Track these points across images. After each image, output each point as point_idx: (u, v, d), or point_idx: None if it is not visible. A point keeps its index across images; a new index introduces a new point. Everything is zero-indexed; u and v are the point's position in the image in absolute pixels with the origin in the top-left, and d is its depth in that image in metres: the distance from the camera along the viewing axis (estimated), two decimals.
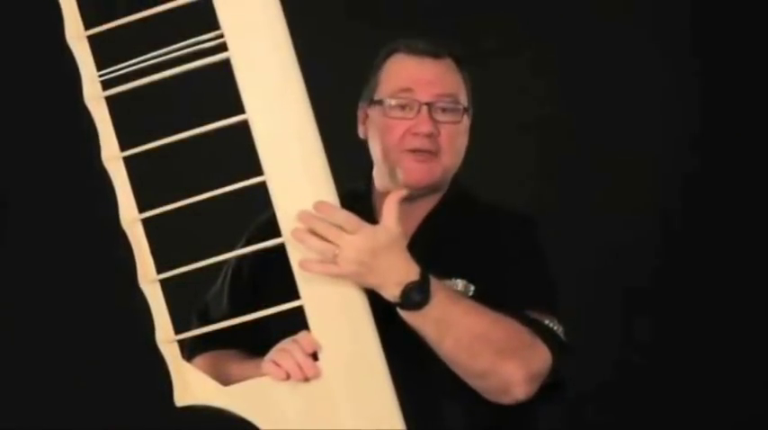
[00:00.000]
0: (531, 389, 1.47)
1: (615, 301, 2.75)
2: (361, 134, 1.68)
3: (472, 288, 1.56)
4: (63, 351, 2.77)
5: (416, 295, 1.41)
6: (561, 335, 1.53)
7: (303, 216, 1.40)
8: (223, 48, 1.42)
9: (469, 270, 1.57)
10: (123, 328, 2.35)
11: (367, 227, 1.40)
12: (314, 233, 1.40)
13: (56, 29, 1.48)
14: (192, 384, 1.49)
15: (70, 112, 1.65)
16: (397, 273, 1.41)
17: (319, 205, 1.40)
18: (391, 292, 1.41)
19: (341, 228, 1.39)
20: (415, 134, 1.58)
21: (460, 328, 1.44)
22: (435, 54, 1.62)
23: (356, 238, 1.38)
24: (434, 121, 1.58)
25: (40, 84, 2.69)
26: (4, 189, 2.81)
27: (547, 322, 1.52)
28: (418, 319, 1.43)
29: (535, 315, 1.51)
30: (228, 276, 1.72)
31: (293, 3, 1.46)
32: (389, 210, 1.42)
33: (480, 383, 1.47)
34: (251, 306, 1.51)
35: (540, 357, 1.48)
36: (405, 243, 1.43)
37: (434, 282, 1.43)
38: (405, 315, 1.43)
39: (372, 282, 1.41)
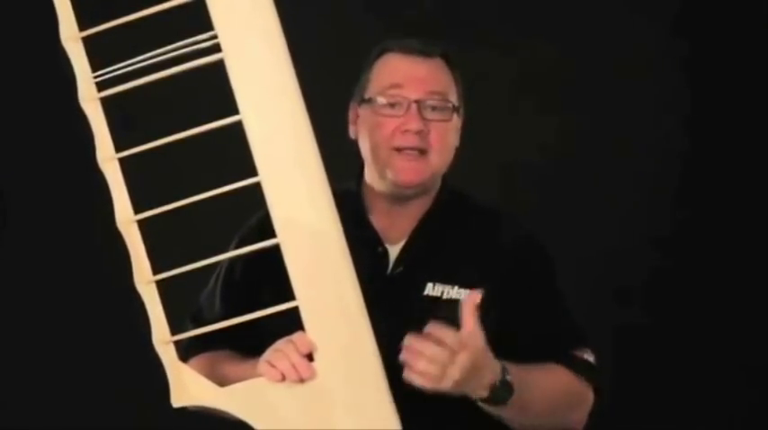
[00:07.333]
0: (584, 424, 1.64)
1: (606, 303, 2.75)
2: (351, 134, 1.68)
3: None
4: (59, 352, 2.77)
5: (504, 393, 1.45)
6: (596, 363, 1.62)
7: (415, 342, 1.40)
8: (217, 48, 1.42)
9: (476, 280, 1.57)
10: (120, 330, 2.35)
11: (472, 344, 1.40)
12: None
13: (51, 30, 1.48)
14: (188, 385, 1.49)
15: (65, 114, 1.64)
16: (489, 376, 1.44)
17: (431, 331, 1.40)
18: (480, 394, 1.45)
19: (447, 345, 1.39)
20: (405, 131, 1.58)
21: (536, 404, 1.52)
22: (426, 53, 1.63)
23: (463, 359, 1.39)
24: (424, 119, 1.59)
25: (35, 85, 2.69)
26: (0, 190, 2.81)
27: (586, 357, 1.61)
28: (501, 409, 1.47)
29: (576, 352, 1.61)
30: (221, 277, 1.72)
31: (287, 3, 1.46)
32: (469, 317, 1.41)
33: None
34: (244, 307, 1.51)
35: (591, 399, 1.62)
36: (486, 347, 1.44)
37: (510, 371, 1.46)
38: (487, 407, 1.47)
39: (468, 388, 1.43)
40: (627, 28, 2.78)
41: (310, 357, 1.43)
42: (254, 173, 1.43)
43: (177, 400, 1.49)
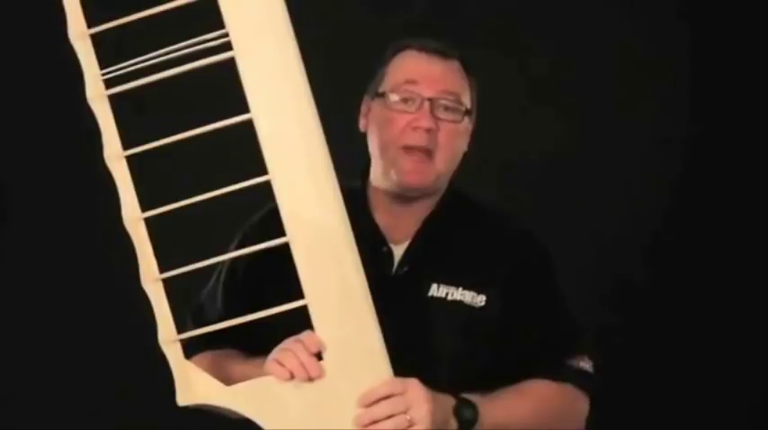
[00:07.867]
0: None
1: (605, 302, 2.75)
2: (361, 127, 1.68)
3: (483, 298, 1.58)
4: (64, 350, 2.76)
5: (467, 412, 1.46)
6: (591, 369, 1.62)
7: (365, 414, 1.40)
8: (228, 47, 1.42)
9: (479, 282, 1.59)
10: (125, 328, 2.35)
11: (409, 380, 1.41)
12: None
13: (59, 27, 1.48)
14: (194, 384, 1.49)
15: (73, 111, 1.64)
16: (446, 403, 1.44)
17: (364, 397, 1.41)
18: (452, 425, 1.45)
19: (391, 396, 1.40)
20: (415, 128, 1.58)
21: (516, 420, 1.51)
22: (444, 53, 1.63)
23: (414, 394, 1.40)
24: (435, 118, 1.59)
25: (43, 83, 2.69)
26: (6, 188, 2.80)
27: (581, 364, 1.61)
28: None
29: (571, 360, 1.60)
30: (223, 275, 1.71)
31: (297, 2, 1.46)
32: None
33: None
34: (246, 305, 1.52)
35: (584, 407, 1.62)
36: None
37: (466, 395, 1.47)
38: None
39: (440, 421, 1.43)
40: (627, 28, 2.78)
41: (319, 356, 1.43)
42: (259, 171, 1.43)
43: (183, 399, 1.49)
